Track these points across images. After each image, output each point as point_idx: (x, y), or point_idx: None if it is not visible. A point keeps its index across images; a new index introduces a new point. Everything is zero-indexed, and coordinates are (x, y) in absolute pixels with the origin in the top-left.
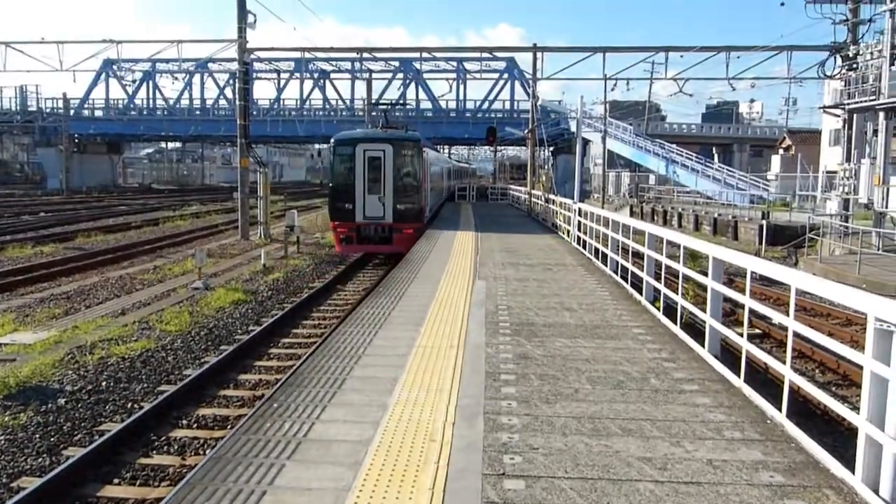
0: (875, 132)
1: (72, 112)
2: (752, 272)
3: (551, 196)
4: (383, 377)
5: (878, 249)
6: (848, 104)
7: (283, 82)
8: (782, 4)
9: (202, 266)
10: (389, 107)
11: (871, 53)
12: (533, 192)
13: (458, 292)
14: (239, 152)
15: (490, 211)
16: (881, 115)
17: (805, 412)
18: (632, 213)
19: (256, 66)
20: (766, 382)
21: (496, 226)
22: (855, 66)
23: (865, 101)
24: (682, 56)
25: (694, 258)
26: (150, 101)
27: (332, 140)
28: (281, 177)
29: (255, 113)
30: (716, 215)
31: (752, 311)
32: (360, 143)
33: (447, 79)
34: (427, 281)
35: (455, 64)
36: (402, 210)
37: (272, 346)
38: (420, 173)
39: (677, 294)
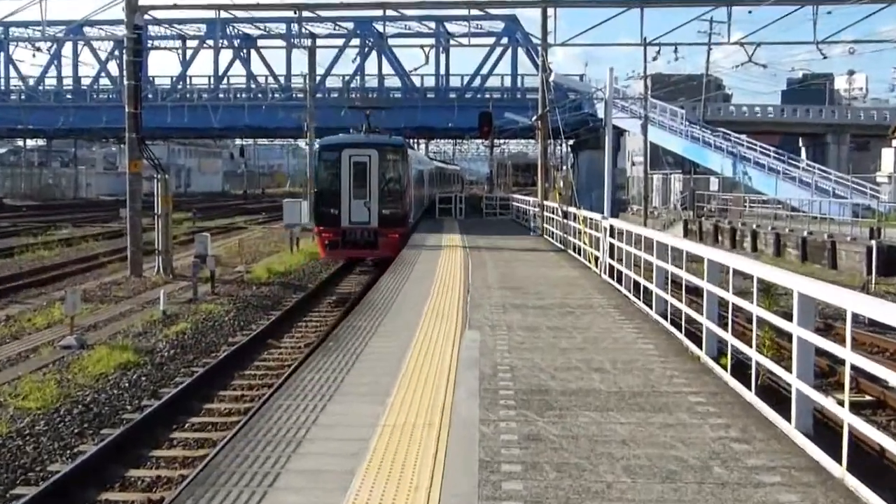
0: None
1: None
2: (857, 314)
3: (572, 209)
4: (333, 470)
5: None
6: None
7: (190, 53)
8: None
9: (76, 315)
10: (371, 108)
11: None
12: (546, 203)
13: (440, 347)
14: (128, 152)
15: (486, 231)
16: None
17: None
18: (686, 232)
19: (153, 30)
20: (881, 471)
21: (494, 251)
22: None
23: None
24: (750, 12)
25: (773, 295)
26: (1, 82)
27: (317, 145)
28: (188, 185)
29: (150, 96)
30: (805, 234)
31: (857, 370)
32: (346, 148)
33: (422, 46)
34: (397, 330)
35: (433, 26)
36: (387, 215)
37: (176, 429)
38: (405, 178)
39: (751, 346)
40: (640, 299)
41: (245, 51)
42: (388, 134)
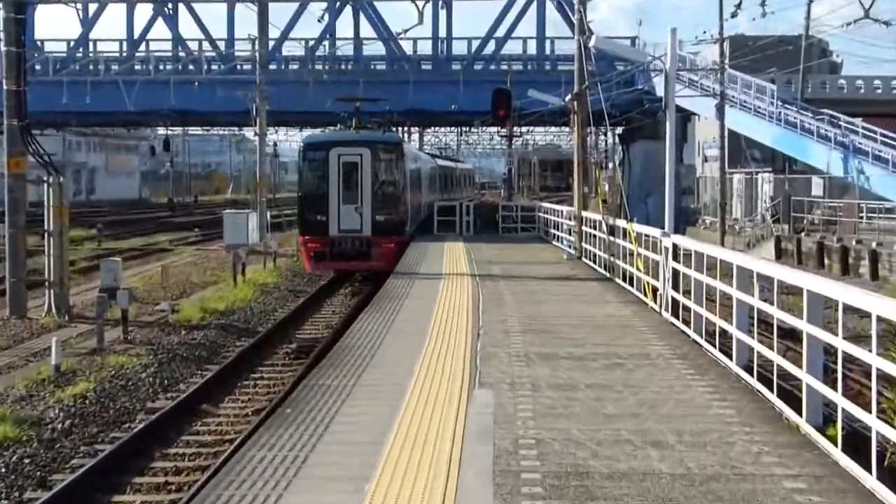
0: None
1: None
2: None
3: (620, 223)
4: None
5: None
6: None
7: (94, 10)
8: None
9: None
10: (359, 102)
11: None
12: (585, 214)
13: (440, 413)
14: (6, 145)
15: (503, 252)
16: None
17: None
18: (779, 254)
19: None
20: None
21: (514, 280)
22: None
23: None
24: None
25: None
26: None
27: (301, 143)
28: (92, 192)
29: (38, 68)
30: None
31: None
32: (334, 146)
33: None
34: (380, 390)
35: None
36: (381, 221)
37: None
38: (401, 180)
39: (871, 411)
40: (715, 346)
41: (170, 6)
42: (381, 129)
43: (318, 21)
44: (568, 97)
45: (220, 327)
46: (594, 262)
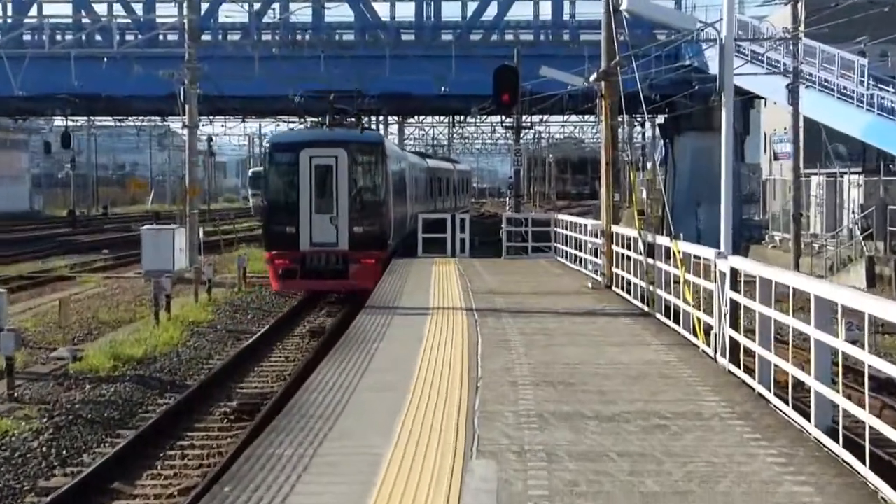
0: None
1: None
2: None
3: (662, 240)
4: None
5: None
6: None
7: None
8: None
9: None
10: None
11: None
12: (616, 229)
13: (426, 493)
14: None
15: (509, 280)
16: None
17: None
18: (872, 280)
19: None
20: None
21: (524, 316)
22: None
23: None
24: None
25: None
26: None
27: (266, 143)
28: None
29: None
30: None
31: None
32: (306, 147)
33: None
34: (345, 463)
35: None
36: (360, 234)
37: None
38: (383, 186)
39: None
40: (787, 402)
41: None
42: (359, 127)
43: None
44: (593, 76)
45: (138, 380)
46: (628, 291)
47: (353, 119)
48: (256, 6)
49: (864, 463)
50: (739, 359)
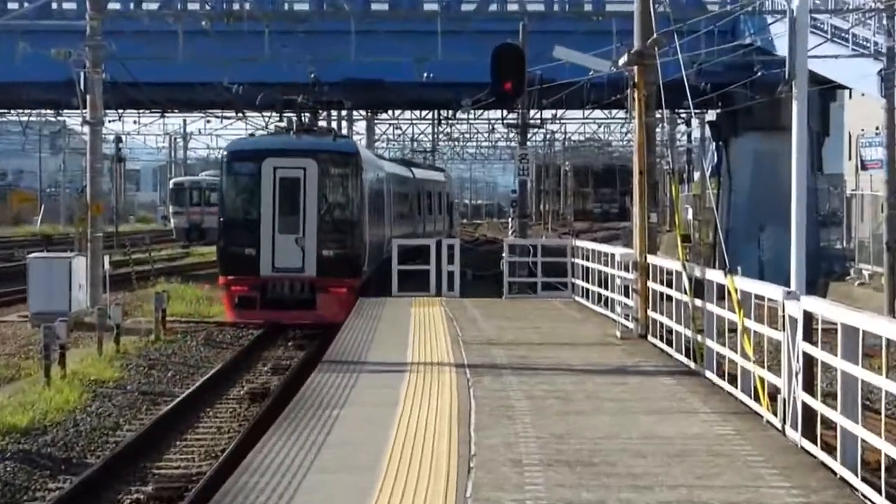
0: None
1: None
2: None
3: (712, 274)
4: None
5: None
6: None
7: None
8: None
9: None
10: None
11: None
12: (653, 259)
13: None
14: None
15: (511, 327)
16: None
17: None
18: None
19: None
20: None
21: (532, 375)
22: None
23: None
24: None
25: None
26: None
27: (223, 152)
28: None
29: None
30: None
31: None
32: (269, 156)
33: None
34: None
35: None
36: (330, 258)
37: None
38: (358, 201)
39: None
40: (880, 491)
41: None
42: (330, 133)
43: None
44: (623, 59)
45: (22, 457)
46: (668, 342)
47: (310, 115)
48: None
49: None
50: (816, 432)
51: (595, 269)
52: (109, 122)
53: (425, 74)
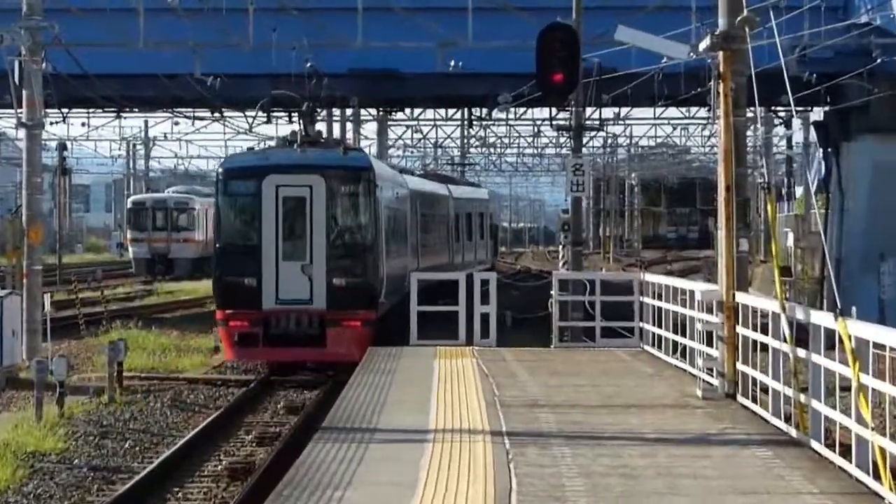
0: None
1: None
2: None
3: (820, 317)
4: None
5: None
6: None
7: None
8: None
9: None
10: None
11: None
12: (743, 298)
13: None
14: None
15: (564, 385)
16: None
17: None
18: None
19: None
20: None
21: (592, 445)
22: None
23: None
24: None
25: None
26: None
27: (219, 168)
28: None
29: None
30: None
31: None
32: (270, 173)
33: None
34: None
35: None
36: (342, 288)
37: None
38: (373, 224)
39: None
40: None
41: None
42: (340, 147)
43: None
44: (705, 43)
45: None
46: (763, 404)
47: (305, 116)
48: None
49: None
50: None
51: (670, 310)
52: (51, 123)
53: (452, 63)
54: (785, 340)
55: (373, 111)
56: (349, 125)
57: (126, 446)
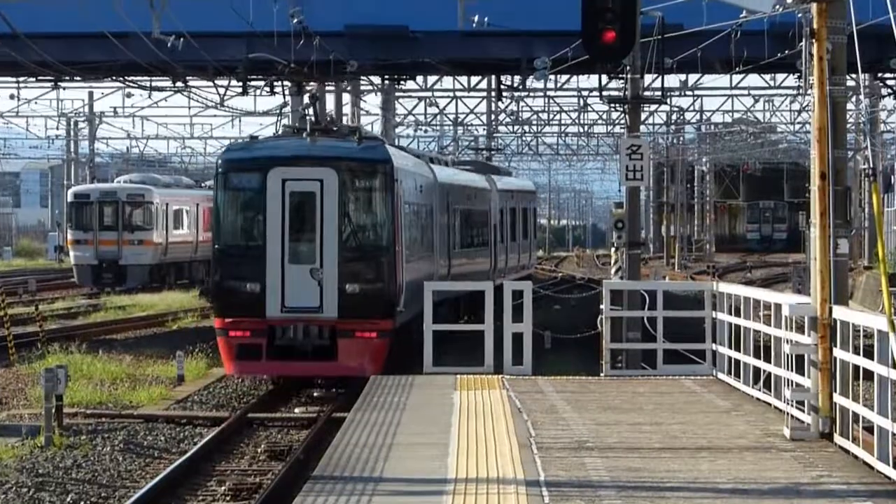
0: None
1: None
2: None
3: None
4: None
5: None
6: None
7: None
8: None
9: None
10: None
11: None
12: (843, 313)
13: None
14: None
15: (618, 422)
16: None
17: None
18: None
19: None
20: None
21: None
22: None
23: None
24: None
25: None
26: None
27: (218, 160)
28: None
29: None
30: None
31: None
32: (276, 165)
33: None
34: None
35: None
36: (355, 294)
37: None
38: (391, 221)
39: None
40: None
41: None
42: (355, 135)
43: None
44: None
45: None
46: (867, 445)
47: (293, 85)
48: None
49: None
50: None
51: (750, 329)
52: None
53: (476, 19)
54: (894, 366)
55: (376, 80)
56: (346, 97)
57: (67, 501)
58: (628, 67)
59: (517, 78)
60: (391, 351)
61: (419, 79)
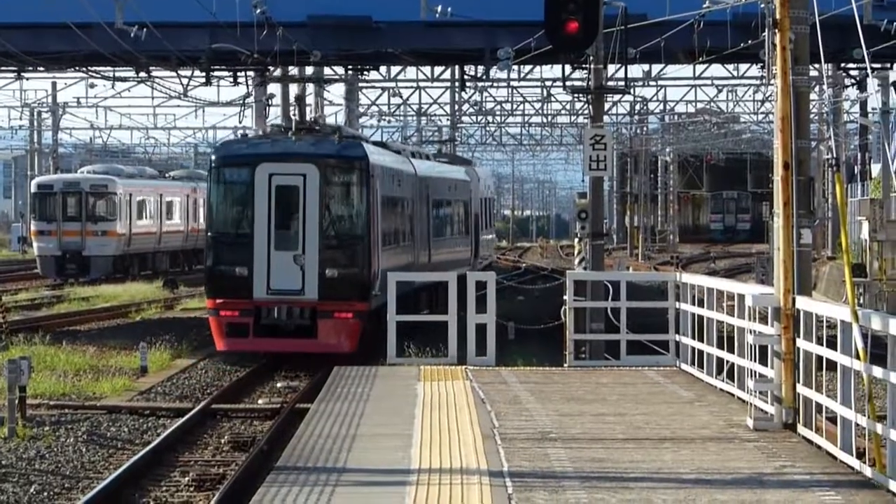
0: None
1: None
2: None
3: None
4: None
5: None
6: None
7: None
8: None
9: None
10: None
11: None
12: (806, 303)
13: None
14: None
15: (582, 412)
16: None
17: None
18: None
19: None
20: None
21: (611, 489)
22: None
23: None
24: None
25: None
26: None
27: (212, 156)
28: None
29: None
30: None
31: None
32: (263, 161)
33: None
34: None
35: None
36: (334, 279)
37: None
38: (367, 212)
39: None
40: None
41: None
42: (335, 134)
43: None
44: None
45: None
46: (830, 435)
47: (256, 75)
48: None
49: None
50: None
51: (713, 320)
52: None
53: (439, 9)
54: (857, 357)
55: (340, 70)
56: (310, 87)
57: (31, 492)
58: (591, 57)
59: (480, 68)
60: (366, 331)
61: (382, 69)
